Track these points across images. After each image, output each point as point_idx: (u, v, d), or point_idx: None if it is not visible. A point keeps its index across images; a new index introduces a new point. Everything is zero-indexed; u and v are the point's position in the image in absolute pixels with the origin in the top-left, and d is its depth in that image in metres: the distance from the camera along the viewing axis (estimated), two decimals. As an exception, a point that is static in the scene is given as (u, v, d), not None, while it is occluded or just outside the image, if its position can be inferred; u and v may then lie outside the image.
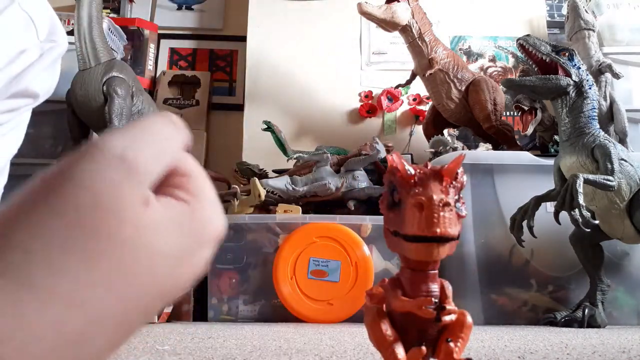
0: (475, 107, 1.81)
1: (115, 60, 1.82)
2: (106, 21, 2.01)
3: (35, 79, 0.62)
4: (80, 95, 1.75)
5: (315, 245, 1.47)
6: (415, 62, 1.85)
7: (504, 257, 1.55)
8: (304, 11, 2.29)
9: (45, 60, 0.62)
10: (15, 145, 0.65)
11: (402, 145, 2.14)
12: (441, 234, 0.34)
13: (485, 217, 1.55)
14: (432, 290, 0.37)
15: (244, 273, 1.55)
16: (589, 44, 1.82)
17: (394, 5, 1.76)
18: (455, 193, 0.36)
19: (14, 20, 0.60)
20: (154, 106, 1.94)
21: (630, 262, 1.55)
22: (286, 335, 1.00)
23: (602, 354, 0.72)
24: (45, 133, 2.02)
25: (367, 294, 0.40)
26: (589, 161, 1.32)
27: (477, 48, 2.28)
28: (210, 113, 2.38)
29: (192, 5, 2.51)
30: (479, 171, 1.57)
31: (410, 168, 0.36)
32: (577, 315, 1.34)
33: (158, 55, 2.41)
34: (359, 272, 1.45)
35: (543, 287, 1.53)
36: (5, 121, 0.61)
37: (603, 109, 1.73)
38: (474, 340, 0.91)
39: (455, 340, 0.37)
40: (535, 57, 1.40)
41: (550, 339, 0.95)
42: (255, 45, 2.27)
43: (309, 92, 2.21)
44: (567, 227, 1.30)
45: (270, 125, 1.81)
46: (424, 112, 2.11)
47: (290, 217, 1.54)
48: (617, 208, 1.33)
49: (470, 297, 1.49)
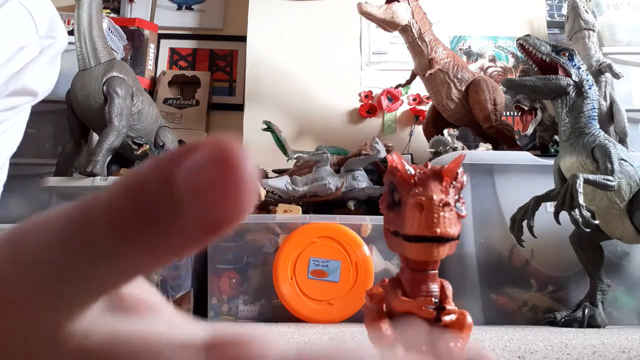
0: (475, 107, 1.81)
1: (115, 60, 1.82)
2: (106, 21, 2.01)
3: (35, 77, 0.61)
4: (80, 95, 1.75)
5: (315, 245, 1.47)
6: (415, 62, 1.85)
7: (504, 257, 1.55)
8: (304, 11, 2.29)
9: (44, 57, 0.61)
10: (14, 144, 0.65)
11: (402, 145, 2.14)
12: (441, 234, 0.34)
13: (485, 217, 1.55)
14: (432, 290, 0.37)
15: (244, 273, 1.55)
16: (589, 44, 1.82)
17: (394, 5, 1.76)
18: (455, 193, 0.36)
19: (13, 16, 0.59)
20: (154, 106, 1.94)
21: (630, 262, 1.55)
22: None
23: (602, 354, 0.72)
24: (45, 133, 2.02)
25: (367, 294, 0.40)
26: (589, 161, 1.32)
27: (477, 48, 2.28)
28: (210, 113, 2.38)
29: (192, 5, 2.51)
30: (479, 171, 1.57)
31: (410, 168, 0.36)
32: (577, 315, 1.34)
33: (158, 55, 2.41)
34: (359, 272, 1.45)
35: (543, 287, 1.53)
36: (3, 119, 0.60)
37: (603, 109, 1.73)
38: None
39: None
40: (535, 57, 1.40)
41: (550, 339, 0.95)
42: (255, 45, 2.27)
43: (309, 92, 2.21)
44: (567, 227, 1.30)
45: (270, 125, 1.81)
46: (424, 112, 2.11)
47: (290, 217, 1.54)
48: (617, 208, 1.33)
49: (470, 297, 1.49)
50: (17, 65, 0.58)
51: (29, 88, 0.60)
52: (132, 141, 1.73)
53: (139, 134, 1.80)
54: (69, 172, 1.81)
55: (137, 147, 1.71)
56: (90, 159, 1.66)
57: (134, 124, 1.80)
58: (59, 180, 1.70)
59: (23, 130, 0.66)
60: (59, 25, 0.64)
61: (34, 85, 0.61)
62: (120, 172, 1.77)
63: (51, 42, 0.62)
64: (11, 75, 0.58)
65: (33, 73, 0.60)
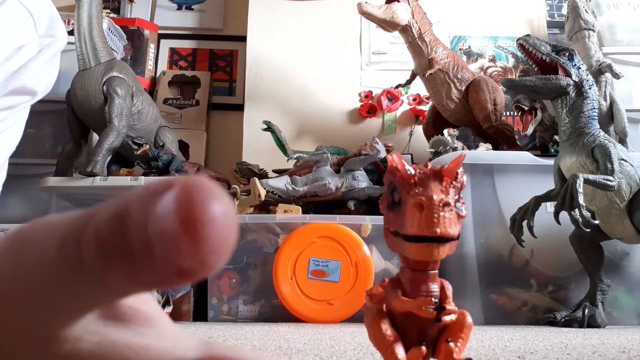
0: (475, 107, 1.81)
1: (115, 60, 1.82)
2: (106, 21, 2.01)
3: (34, 76, 0.60)
4: (80, 95, 1.75)
5: (315, 245, 1.47)
6: (415, 62, 1.85)
7: (504, 257, 1.55)
8: (304, 11, 2.29)
9: (44, 55, 0.61)
10: (13, 143, 0.64)
11: (402, 145, 2.14)
12: (441, 234, 0.34)
13: (485, 217, 1.55)
14: (432, 290, 0.37)
15: (244, 273, 1.55)
16: (589, 44, 1.82)
17: (394, 5, 1.76)
18: (455, 193, 0.36)
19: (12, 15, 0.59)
20: (154, 106, 1.94)
21: (630, 262, 1.55)
22: (286, 336, 1.00)
23: (602, 354, 0.72)
24: (45, 133, 2.02)
25: (367, 294, 0.40)
26: (589, 161, 1.32)
27: (477, 48, 2.28)
28: (210, 113, 2.38)
29: (192, 5, 2.51)
30: (479, 171, 1.57)
31: (410, 168, 0.36)
32: (577, 315, 1.34)
33: (158, 55, 2.41)
34: (359, 272, 1.45)
35: (543, 287, 1.53)
36: (3, 119, 0.60)
37: (603, 109, 1.73)
38: (474, 340, 0.91)
39: (455, 340, 0.37)
40: (535, 57, 1.40)
41: (550, 339, 0.95)
42: (255, 45, 2.27)
43: (309, 92, 2.21)
44: (567, 227, 1.30)
45: (270, 125, 1.81)
46: (424, 112, 2.11)
47: (290, 217, 1.54)
48: (617, 208, 1.33)
49: (470, 297, 1.49)
50: (16, 64, 0.58)
51: (27, 87, 0.60)
52: (132, 141, 1.73)
53: (139, 134, 1.80)
54: (69, 172, 1.81)
55: (137, 147, 1.71)
56: (90, 159, 1.66)
57: (134, 124, 1.80)
58: (59, 180, 1.70)
59: (22, 130, 0.65)
60: (58, 24, 0.64)
61: (33, 84, 0.60)
62: (120, 172, 1.77)
63: (50, 41, 0.62)
64: (10, 74, 0.57)
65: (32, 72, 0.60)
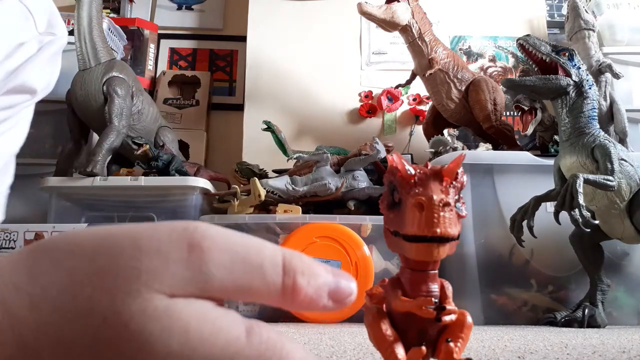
0: (475, 107, 1.81)
1: (115, 60, 1.82)
2: (106, 21, 2.01)
3: (34, 74, 0.59)
4: (80, 95, 1.75)
5: (315, 245, 1.47)
6: (415, 62, 1.85)
7: (504, 257, 1.55)
8: (304, 11, 2.29)
9: (44, 53, 0.60)
10: (16, 144, 0.63)
11: (402, 145, 2.14)
12: (441, 234, 0.34)
13: (485, 217, 1.55)
14: (432, 290, 0.37)
15: (244, 273, 1.54)
16: (589, 44, 1.82)
17: (394, 5, 1.76)
18: (455, 193, 0.36)
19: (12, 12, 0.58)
20: (154, 106, 1.94)
21: (630, 262, 1.55)
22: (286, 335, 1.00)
23: (602, 354, 0.72)
24: (45, 133, 2.02)
25: (367, 294, 0.40)
26: (589, 161, 1.31)
27: (477, 48, 2.28)
28: (210, 113, 2.38)
29: (192, 5, 2.51)
30: (479, 171, 1.57)
31: (410, 168, 0.36)
32: (577, 315, 1.34)
33: (158, 55, 2.41)
34: (359, 272, 1.45)
35: (543, 287, 1.53)
36: (3, 118, 0.59)
37: (603, 109, 1.73)
38: (474, 340, 0.91)
39: (455, 340, 0.37)
40: (535, 57, 1.40)
41: (550, 339, 0.95)
42: (255, 45, 2.27)
43: (309, 92, 2.21)
44: (567, 227, 1.29)
45: (270, 125, 1.81)
46: (424, 112, 2.11)
47: (290, 217, 1.54)
48: (617, 208, 1.33)
49: (470, 297, 1.49)
50: (15, 62, 0.57)
51: (27, 85, 0.59)
52: (132, 141, 1.73)
53: (139, 134, 1.80)
54: (69, 172, 1.81)
55: (137, 147, 1.71)
56: (90, 159, 1.66)
57: (134, 124, 1.80)
58: (59, 180, 1.70)
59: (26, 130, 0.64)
60: (58, 22, 0.63)
61: (33, 82, 0.59)
62: (120, 172, 1.77)
63: (51, 38, 0.61)
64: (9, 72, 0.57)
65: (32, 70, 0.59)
